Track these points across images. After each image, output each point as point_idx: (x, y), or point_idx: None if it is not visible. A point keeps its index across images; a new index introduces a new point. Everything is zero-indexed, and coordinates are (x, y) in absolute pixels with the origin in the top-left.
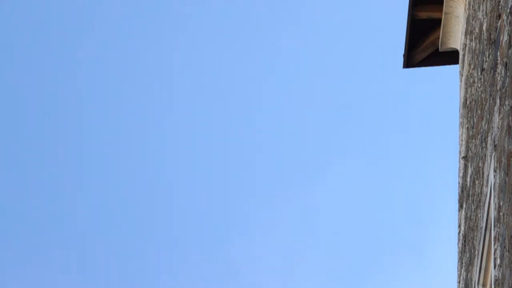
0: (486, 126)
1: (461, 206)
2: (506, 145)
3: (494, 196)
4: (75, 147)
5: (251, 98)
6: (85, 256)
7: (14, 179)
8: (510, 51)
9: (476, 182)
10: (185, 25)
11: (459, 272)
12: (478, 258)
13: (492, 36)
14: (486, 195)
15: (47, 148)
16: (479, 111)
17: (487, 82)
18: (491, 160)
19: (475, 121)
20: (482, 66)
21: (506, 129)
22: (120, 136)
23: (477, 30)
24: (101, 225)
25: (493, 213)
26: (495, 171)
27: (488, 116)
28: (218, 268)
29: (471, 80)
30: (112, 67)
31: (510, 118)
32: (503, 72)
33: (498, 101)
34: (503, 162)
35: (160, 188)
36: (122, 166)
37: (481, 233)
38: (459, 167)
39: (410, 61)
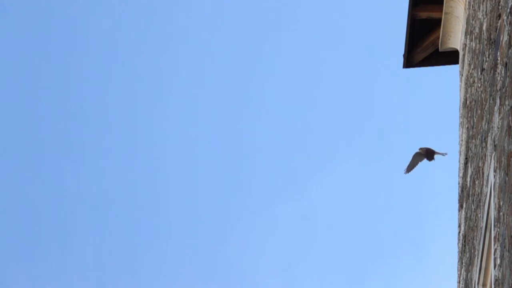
0: (486, 126)
1: (461, 206)
2: (506, 145)
3: (494, 196)
4: (75, 147)
5: (251, 99)
6: (84, 256)
7: (14, 179)
8: (510, 51)
9: (476, 182)
10: (185, 26)
11: (459, 272)
12: (478, 258)
13: (492, 36)
14: (486, 195)
15: (47, 148)
16: (479, 111)
17: (487, 82)
18: (491, 160)
19: (475, 121)
20: (482, 66)
21: (506, 129)
22: (120, 136)
23: (477, 30)
24: (100, 225)
25: (493, 213)
26: (495, 171)
27: (488, 116)
28: (217, 268)
29: (471, 80)
30: (112, 67)
31: (510, 118)
32: (503, 72)
33: (498, 101)
34: (503, 162)
35: (159, 188)
36: (121, 167)
37: (481, 233)
38: (459, 167)
39: (410, 61)
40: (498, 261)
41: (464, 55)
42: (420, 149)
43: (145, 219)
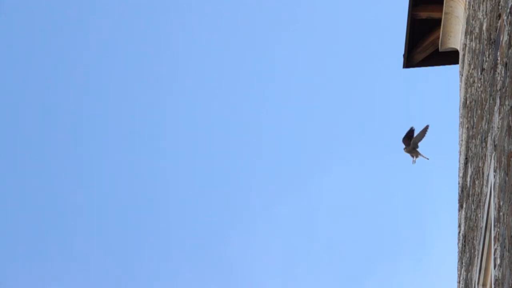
0: (486, 126)
1: (461, 206)
2: (506, 145)
3: (494, 196)
4: (75, 147)
5: (251, 99)
6: (84, 256)
7: (14, 179)
8: (510, 51)
9: (476, 182)
10: (185, 26)
11: (459, 272)
12: (478, 258)
13: (492, 36)
14: (486, 195)
15: (47, 148)
16: (479, 111)
17: (487, 82)
18: (491, 160)
19: (475, 121)
20: (482, 66)
21: (506, 129)
22: (120, 136)
23: (477, 30)
24: (100, 224)
25: (493, 213)
26: (495, 171)
27: (488, 116)
28: (217, 268)
29: (471, 80)
30: (112, 67)
31: (510, 118)
32: (503, 72)
33: (498, 101)
34: (503, 162)
35: (159, 188)
36: (121, 166)
37: (481, 233)
38: (459, 167)
39: (410, 61)
40: (498, 261)
41: (464, 55)
42: (404, 148)
43: (145, 219)
